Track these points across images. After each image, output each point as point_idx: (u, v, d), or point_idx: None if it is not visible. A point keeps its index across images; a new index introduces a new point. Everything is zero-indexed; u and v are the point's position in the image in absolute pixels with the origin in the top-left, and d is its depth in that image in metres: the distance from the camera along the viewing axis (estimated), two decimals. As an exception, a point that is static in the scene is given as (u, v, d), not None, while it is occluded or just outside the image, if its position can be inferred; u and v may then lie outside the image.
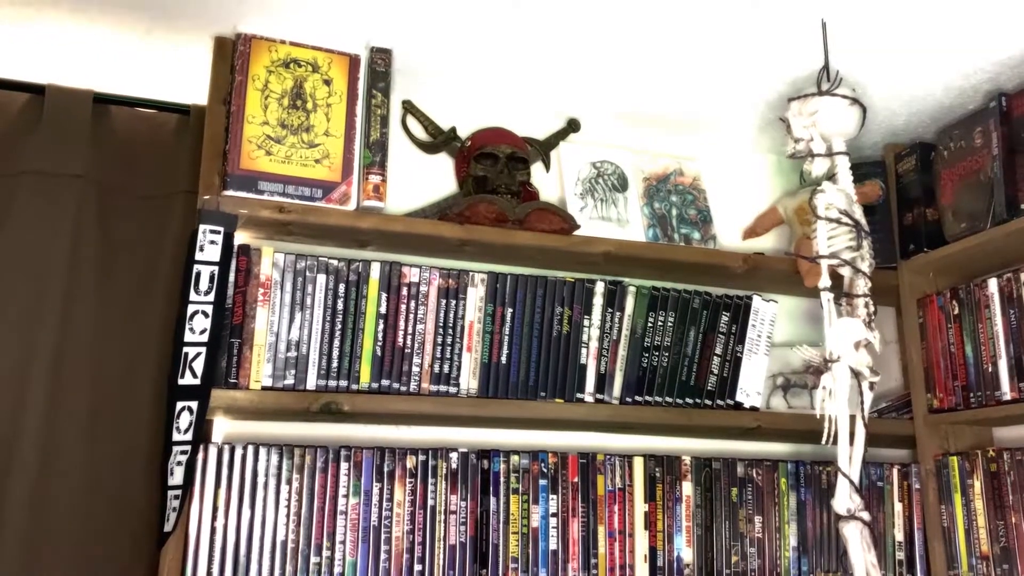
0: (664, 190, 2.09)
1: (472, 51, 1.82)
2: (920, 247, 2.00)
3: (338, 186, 1.74)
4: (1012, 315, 1.79)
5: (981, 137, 1.87)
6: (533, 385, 1.79)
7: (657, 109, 2.04)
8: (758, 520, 1.88)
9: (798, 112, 1.78)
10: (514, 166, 1.90)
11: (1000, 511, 1.79)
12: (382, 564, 1.64)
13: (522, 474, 1.75)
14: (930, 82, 1.88)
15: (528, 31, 1.74)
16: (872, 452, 2.07)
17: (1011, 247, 1.84)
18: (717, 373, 1.92)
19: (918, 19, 1.67)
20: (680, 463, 1.86)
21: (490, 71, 1.90)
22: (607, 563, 1.77)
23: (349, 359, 1.69)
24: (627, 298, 1.88)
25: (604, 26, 1.71)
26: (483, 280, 1.79)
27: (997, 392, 1.80)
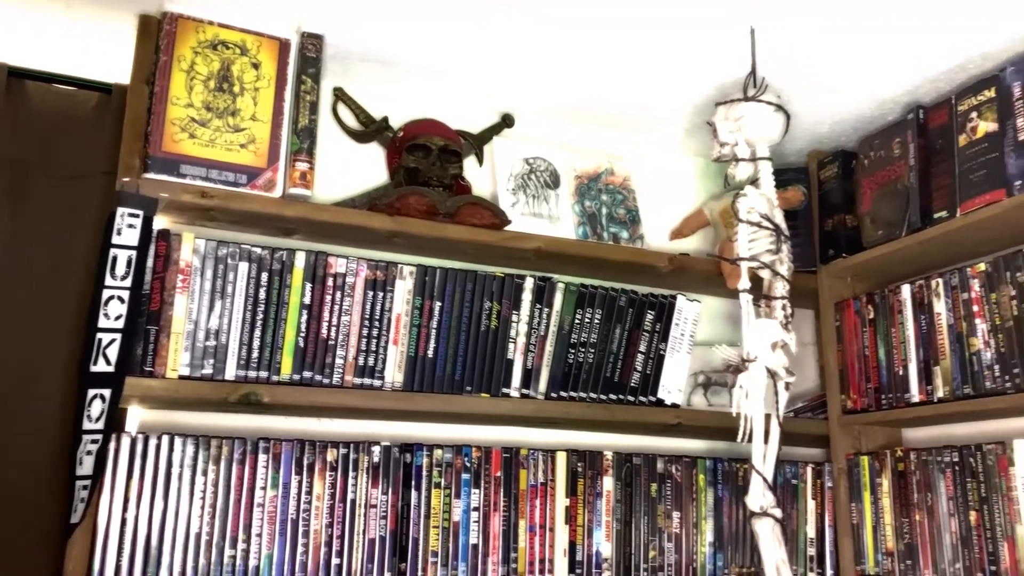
0: (595, 189, 2.11)
1: (406, 41, 1.80)
2: (839, 252, 2.06)
3: (264, 172, 1.71)
4: (923, 320, 1.85)
5: (899, 147, 1.94)
6: (459, 379, 1.79)
7: (590, 108, 2.06)
8: (676, 516, 1.92)
9: (724, 117, 1.81)
10: (447, 159, 1.89)
11: (905, 509, 1.86)
12: (299, 557, 1.62)
13: (445, 468, 1.75)
14: (853, 92, 1.94)
15: (464, 23, 1.73)
16: (788, 451, 2.13)
17: (924, 255, 1.91)
18: (641, 370, 1.95)
19: (843, 32, 1.71)
20: (602, 458, 1.89)
21: (425, 62, 1.88)
22: (527, 557, 1.78)
23: (270, 350, 1.66)
24: (556, 294, 1.89)
25: (541, 21, 1.72)
26: (412, 273, 1.78)
27: (906, 394, 1.87)
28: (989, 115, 1.75)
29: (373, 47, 1.83)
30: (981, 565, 1.69)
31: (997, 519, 1.67)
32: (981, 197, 1.73)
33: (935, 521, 1.79)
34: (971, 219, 1.74)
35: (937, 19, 1.66)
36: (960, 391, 1.75)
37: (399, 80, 1.96)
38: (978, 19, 1.65)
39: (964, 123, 1.80)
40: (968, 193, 1.76)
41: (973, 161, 1.76)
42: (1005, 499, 1.66)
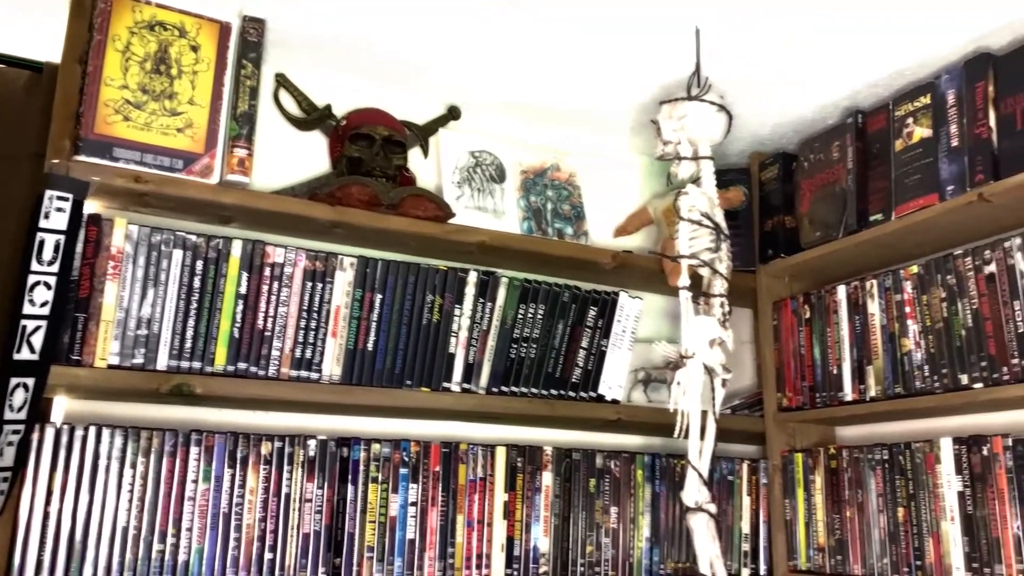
0: (541, 184, 2.10)
1: (351, 28, 1.77)
2: (778, 252, 2.09)
3: (201, 158, 1.66)
4: (857, 321, 1.89)
5: (838, 151, 1.97)
6: (399, 373, 1.77)
7: (538, 103, 2.06)
8: (614, 511, 1.93)
9: (668, 115, 1.82)
10: (390, 149, 1.87)
11: (837, 505, 1.90)
12: (231, 552, 1.59)
13: (383, 463, 1.73)
14: (794, 95, 1.97)
15: (412, 13, 1.71)
16: (725, 447, 2.16)
17: (860, 256, 1.95)
18: (582, 366, 1.95)
19: (786, 36, 1.73)
20: (542, 454, 1.88)
21: (370, 50, 1.86)
22: (464, 552, 1.77)
23: (204, 340, 1.62)
24: (499, 289, 1.88)
25: (489, 14, 1.70)
26: (352, 264, 1.75)
27: (840, 393, 1.91)
28: (924, 121, 1.79)
29: (317, 33, 1.80)
30: (907, 560, 1.73)
31: (924, 515, 1.71)
32: (915, 201, 1.77)
33: (865, 517, 1.83)
34: (905, 222, 1.78)
35: (877, 26, 1.69)
36: (891, 390, 1.79)
37: (343, 68, 1.93)
38: (916, 27, 1.69)
39: (901, 128, 1.84)
40: (903, 197, 1.80)
41: (908, 166, 1.80)
42: (931, 496, 1.70)
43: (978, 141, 1.67)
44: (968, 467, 1.64)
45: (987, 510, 1.60)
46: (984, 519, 1.60)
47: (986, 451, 1.61)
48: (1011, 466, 1.57)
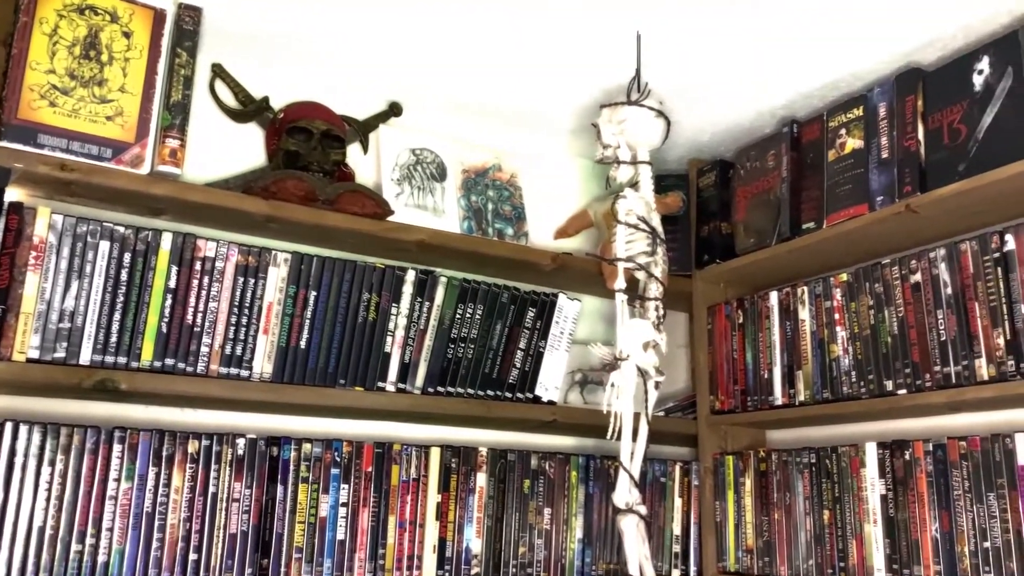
0: (482, 184, 2.10)
1: (292, 19, 1.74)
2: (713, 258, 2.12)
3: (131, 147, 1.62)
4: (788, 327, 1.93)
5: (774, 159, 2.01)
6: (333, 372, 1.74)
7: (481, 103, 2.05)
8: (547, 512, 1.93)
9: (608, 119, 1.83)
10: (329, 144, 1.84)
11: (766, 508, 1.93)
12: (153, 553, 1.54)
13: (313, 463, 1.70)
14: (733, 104, 1.99)
15: (354, 6, 1.69)
16: (658, 449, 2.19)
17: (792, 263, 1.99)
18: (519, 367, 1.95)
19: (725, 46, 1.76)
20: (476, 454, 1.88)
21: (310, 43, 1.83)
22: (395, 554, 1.75)
23: (130, 334, 1.57)
24: (437, 288, 1.87)
25: (432, 11, 1.69)
26: (287, 260, 1.72)
27: (770, 397, 1.94)
28: (857, 132, 1.83)
29: (256, 24, 1.76)
30: (832, 562, 1.77)
31: (848, 518, 1.75)
32: (846, 211, 1.81)
33: (792, 519, 1.86)
34: (836, 231, 1.82)
35: (813, 38, 1.73)
36: (820, 395, 1.83)
37: (282, 60, 1.90)
38: (850, 41, 1.73)
39: (834, 139, 1.88)
40: (834, 206, 1.84)
41: (840, 176, 1.84)
42: (856, 499, 1.74)
43: (907, 154, 1.71)
44: (891, 471, 1.69)
45: (908, 513, 1.64)
46: (905, 522, 1.65)
47: (908, 456, 1.66)
48: (931, 470, 1.62)
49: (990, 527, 1.52)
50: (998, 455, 1.52)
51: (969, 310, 1.58)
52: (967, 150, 1.61)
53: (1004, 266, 1.54)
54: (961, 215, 1.67)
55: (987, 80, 1.61)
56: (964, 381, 1.57)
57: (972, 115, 1.62)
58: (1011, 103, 1.56)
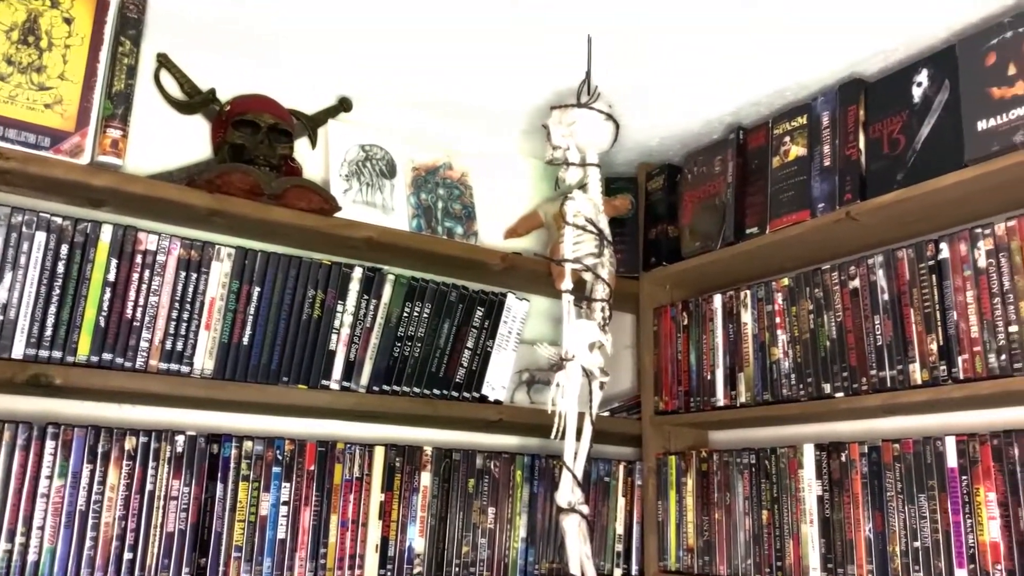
0: (432, 182, 2.09)
1: (240, 9, 1.71)
2: (660, 261, 2.15)
3: (70, 136, 1.58)
4: (731, 329, 1.96)
5: (720, 164, 2.04)
6: (276, 369, 1.72)
7: (432, 101, 2.04)
8: (491, 511, 1.93)
9: (558, 120, 1.84)
10: (276, 138, 1.82)
11: (706, 508, 1.96)
12: (87, 552, 1.51)
13: (254, 460, 1.68)
14: (681, 109, 2.02)
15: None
16: (603, 449, 2.20)
17: (736, 267, 2.03)
18: (466, 366, 1.95)
19: (674, 51, 1.78)
20: (421, 454, 1.87)
21: (259, 34, 1.80)
22: (337, 553, 1.74)
23: (67, 328, 1.54)
24: (385, 286, 1.86)
25: (384, 5, 1.68)
26: (230, 255, 1.70)
27: (713, 398, 1.97)
28: (800, 140, 1.87)
29: (203, 14, 1.73)
30: (769, 561, 1.80)
31: (785, 518, 1.78)
32: (788, 217, 1.84)
33: (732, 519, 1.89)
34: (779, 236, 1.85)
35: (760, 46, 1.75)
36: (760, 397, 1.86)
37: (230, 52, 1.87)
38: (796, 50, 1.76)
39: (779, 146, 1.91)
40: (777, 212, 1.87)
41: (784, 182, 1.88)
42: (793, 499, 1.78)
43: (848, 162, 1.75)
44: (827, 472, 1.72)
45: (843, 514, 1.68)
46: (840, 522, 1.68)
47: (844, 457, 1.70)
48: (866, 472, 1.66)
49: (920, 528, 1.56)
50: (929, 458, 1.57)
51: (904, 316, 1.62)
52: (905, 160, 1.65)
53: (938, 273, 1.58)
54: (899, 223, 1.72)
55: (925, 92, 1.65)
56: (898, 385, 1.61)
57: (911, 126, 1.66)
58: (947, 115, 1.60)
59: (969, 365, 1.51)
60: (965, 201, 1.61)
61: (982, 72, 1.55)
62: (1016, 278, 1.47)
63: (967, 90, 1.57)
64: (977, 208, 1.63)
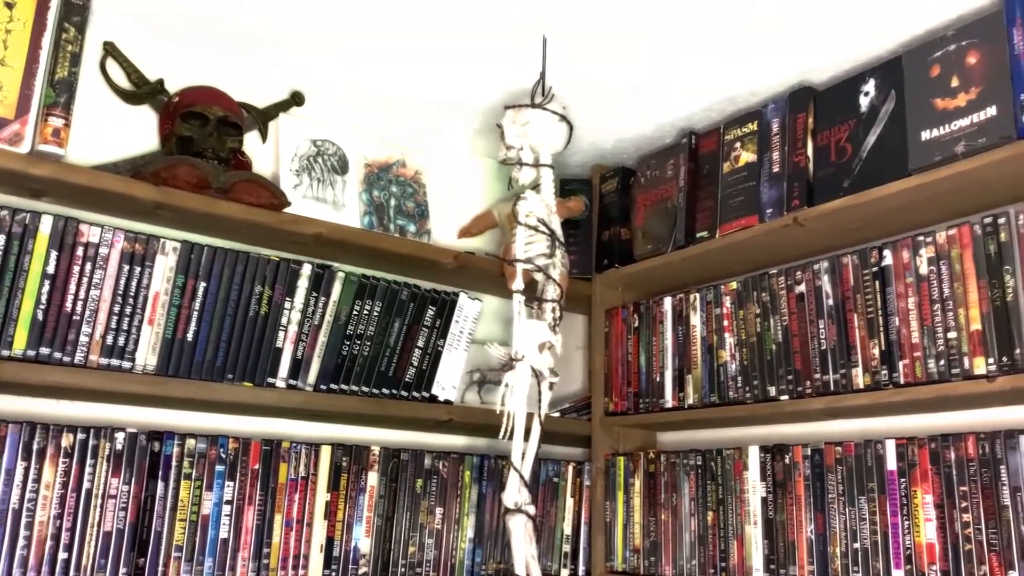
0: (385, 179, 2.07)
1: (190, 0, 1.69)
2: (613, 263, 2.16)
3: (9, 124, 1.53)
4: (680, 332, 1.98)
5: (672, 169, 2.06)
6: (221, 366, 1.69)
7: (387, 97, 2.02)
8: (439, 512, 1.92)
9: (512, 120, 1.84)
10: (225, 131, 1.79)
11: (653, 508, 1.97)
12: (19, 552, 1.47)
13: (197, 459, 1.65)
14: (635, 113, 2.03)
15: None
16: (553, 450, 2.21)
17: (686, 270, 2.04)
18: (417, 366, 1.94)
19: (630, 56, 1.78)
20: (369, 453, 1.86)
21: (210, 25, 1.77)
22: (280, 553, 1.72)
23: (2, 321, 1.49)
24: (334, 283, 1.84)
25: (337, 1, 1.66)
26: (176, 249, 1.67)
27: (661, 400, 1.99)
28: (750, 146, 1.89)
29: (152, 2, 1.70)
30: (713, 562, 1.82)
31: (730, 519, 1.80)
32: (737, 221, 1.86)
33: (678, 520, 1.91)
34: (728, 241, 1.87)
35: (713, 52, 1.77)
36: (707, 399, 1.88)
37: (180, 42, 1.83)
38: (748, 58, 1.78)
39: (729, 152, 1.93)
40: (727, 216, 1.89)
41: (734, 187, 1.90)
42: (738, 501, 1.80)
43: (796, 169, 1.78)
44: (771, 474, 1.75)
45: (785, 515, 1.71)
46: (783, 523, 1.71)
47: (788, 459, 1.72)
48: (809, 474, 1.68)
49: (860, 529, 1.59)
50: (870, 460, 1.60)
51: (848, 321, 1.65)
52: (852, 168, 1.68)
53: (882, 280, 1.61)
54: (844, 230, 1.75)
55: (872, 102, 1.68)
56: (841, 389, 1.64)
57: (857, 135, 1.69)
58: (893, 125, 1.63)
59: (909, 370, 1.54)
60: (908, 209, 1.64)
61: (927, 83, 1.58)
62: (956, 285, 1.50)
63: (912, 101, 1.60)
64: (920, 216, 1.67)
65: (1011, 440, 1.42)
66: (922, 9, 1.59)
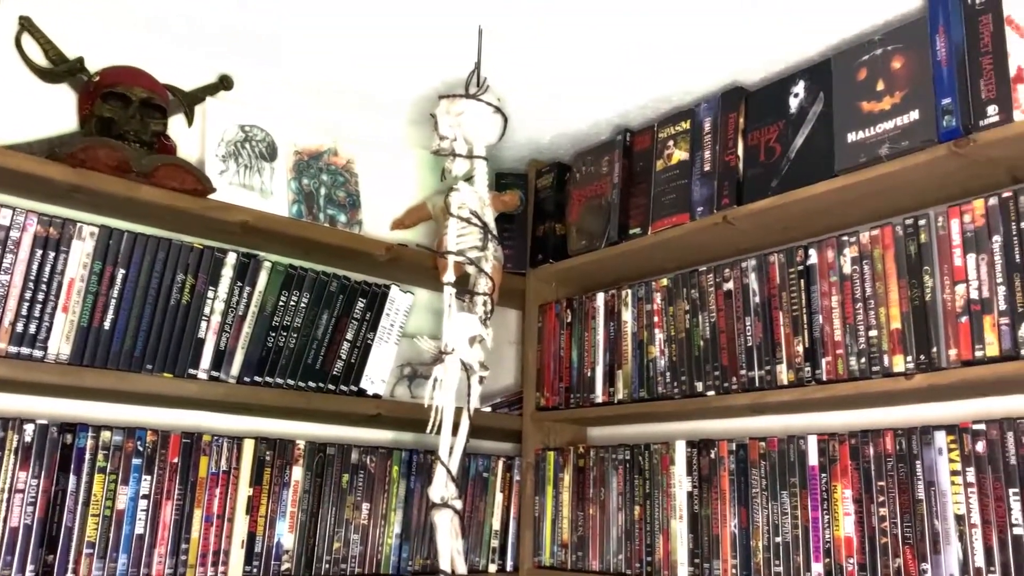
0: (315, 167, 2.03)
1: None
2: (547, 258, 2.15)
3: (-88, 98, 1.45)
4: (611, 328, 1.98)
5: (607, 165, 2.06)
6: (139, 356, 1.64)
7: (317, 84, 1.98)
8: (366, 507, 1.89)
9: (446, 110, 1.82)
10: (148, 113, 1.73)
11: (581, 503, 1.98)
12: (-84, 549, 1.40)
13: (112, 452, 1.59)
14: (572, 109, 2.03)
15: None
16: (484, 445, 2.20)
17: (619, 267, 2.05)
18: (345, 359, 1.90)
19: (566, 52, 1.78)
20: (293, 447, 1.82)
21: (133, 4, 1.71)
22: (200, 548, 1.67)
23: (-99, 305, 1.42)
24: (260, 273, 1.79)
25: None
26: (93, 234, 1.60)
27: (592, 395, 1.99)
28: (683, 145, 1.90)
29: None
30: (639, 556, 1.83)
31: (656, 514, 1.82)
32: (669, 219, 1.88)
33: (606, 515, 1.92)
34: (660, 238, 1.88)
35: (650, 51, 1.78)
36: (637, 394, 1.89)
37: (102, 20, 1.76)
38: (682, 57, 1.79)
39: (662, 150, 1.95)
40: (659, 214, 1.90)
41: (666, 185, 1.91)
42: (664, 495, 1.81)
43: (727, 168, 1.80)
44: (697, 469, 1.76)
45: (710, 509, 1.72)
46: (707, 518, 1.73)
47: (713, 454, 1.74)
48: (733, 469, 1.70)
49: (782, 523, 1.61)
50: (792, 456, 1.62)
51: (774, 319, 1.67)
52: (780, 168, 1.71)
53: (807, 278, 1.64)
54: (772, 229, 1.77)
55: (801, 103, 1.71)
56: (766, 385, 1.66)
57: (786, 135, 1.72)
58: (820, 126, 1.66)
59: (832, 367, 1.57)
60: (834, 210, 1.67)
61: (854, 86, 1.61)
62: (877, 285, 1.53)
63: (839, 103, 1.63)
64: (845, 217, 1.70)
65: (926, 436, 1.45)
66: (851, 13, 1.62)
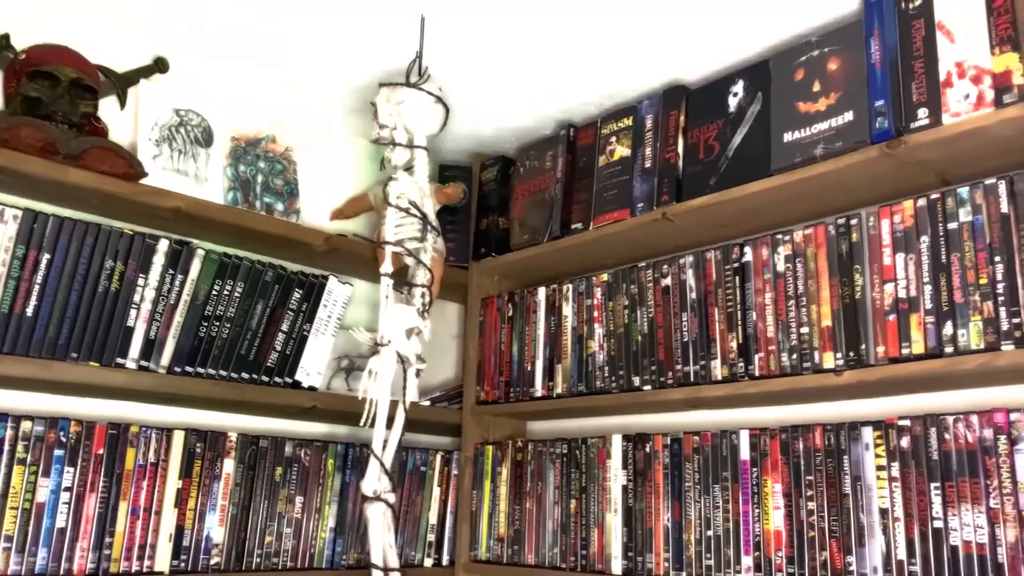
0: (253, 154, 1.99)
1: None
2: (490, 251, 2.15)
3: None
4: (552, 322, 1.99)
5: (551, 160, 2.06)
6: (64, 344, 1.58)
7: (256, 70, 1.94)
8: (299, 501, 1.87)
9: (386, 99, 1.80)
10: (78, 94, 1.67)
11: (519, 497, 1.97)
12: None
13: (33, 443, 1.54)
14: (515, 103, 2.02)
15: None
16: (423, 439, 2.18)
17: (560, 262, 2.05)
18: (280, 350, 1.87)
19: (510, 45, 1.77)
20: (225, 440, 1.78)
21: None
22: (125, 542, 1.62)
23: None
24: (193, 261, 1.75)
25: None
26: (16, 217, 1.55)
27: (531, 389, 1.99)
28: (625, 141, 1.91)
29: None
30: (575, 550, 1.84)
31: (592, 507, 1.82)
32: (610, 214, 1.88)
33: (542, 509, 1.92)
34: (601, 233, 1.89)
35: (591, 47, 1.78)
36: (576, 388, 1.90)
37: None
38: (625, 53, 1.80)
39: (605, 146, 1.95)
40: (601, 209, 1.91)
41: (608, 181, 1.92)
42: (600, 489, 1.82)
43: (667, 165, 1.81)
44: (633, 463, 1.77)
45: (644, 503, 1.74)
46: (641, 511, 1.74)
47: (648, 449, 1.75)
48: (668, 463, 1.72)
49: (714, 517, 1.63)
50: (725, 450, 1.64)
51: (709, 314, 1.69)
52: (718, 166, 1.73)
53: (742, 276, 1.66)
54: (710, 226, 1.79)
55: (740, 103, 1.73)
56: (701, 380, 1.68)
57: (725, 134, 1.74)
58: (758, 126, 1.68)
59: (764, 363, 1.59)
60: (769, 208, 1.69)
61: (791, 87, 1.64)
62: (810, 283, 1.56)
63: (777, 103, 1.65)
64: (780, 215, 1.72)
65: (854, 432, 1.48)
66: (790, 15, 1.64)
